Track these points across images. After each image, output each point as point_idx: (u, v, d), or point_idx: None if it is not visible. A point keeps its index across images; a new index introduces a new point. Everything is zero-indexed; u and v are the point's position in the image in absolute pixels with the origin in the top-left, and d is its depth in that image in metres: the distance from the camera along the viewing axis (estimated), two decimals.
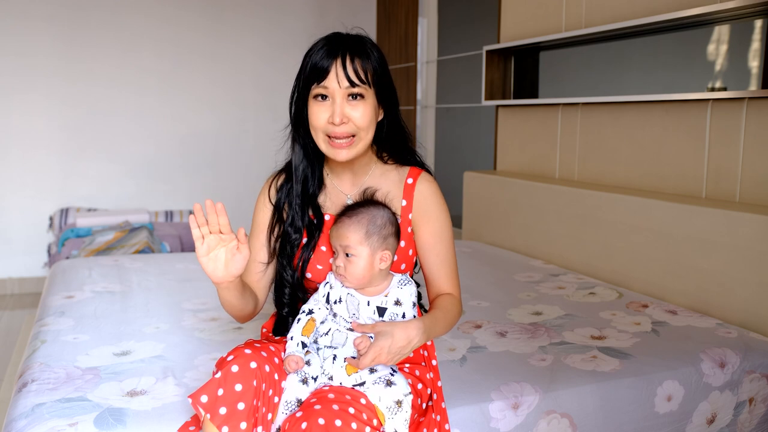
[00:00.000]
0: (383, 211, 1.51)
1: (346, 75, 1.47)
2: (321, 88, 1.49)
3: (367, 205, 1.51)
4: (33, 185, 4.64)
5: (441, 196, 1.64)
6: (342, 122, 1.48)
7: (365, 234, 1.46)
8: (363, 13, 5.33)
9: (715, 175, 2.50)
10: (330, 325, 1.48)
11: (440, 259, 1.61)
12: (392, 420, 1.38)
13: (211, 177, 5.03)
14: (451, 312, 1.57)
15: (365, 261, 1.45)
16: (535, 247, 3.22)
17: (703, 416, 1.90)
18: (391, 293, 1.48)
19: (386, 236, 1.48)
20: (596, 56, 3.09)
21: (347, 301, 1.48)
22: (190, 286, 2.63)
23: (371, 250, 1.46)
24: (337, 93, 1.48)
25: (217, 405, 1.31)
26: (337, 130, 1.49)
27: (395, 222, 1.52)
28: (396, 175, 1.64)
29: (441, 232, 1.61)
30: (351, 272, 1.46)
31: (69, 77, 4.63)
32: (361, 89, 1.49)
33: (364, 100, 1.50)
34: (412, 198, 1.61)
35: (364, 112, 1.50)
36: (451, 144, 4.75)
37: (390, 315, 1.47)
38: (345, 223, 1.48)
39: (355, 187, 1.63)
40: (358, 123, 1.49)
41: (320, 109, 1.50)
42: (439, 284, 1.62)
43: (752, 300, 2.19)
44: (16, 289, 4.66)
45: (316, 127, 1.51)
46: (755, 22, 2.34)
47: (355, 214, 1.48)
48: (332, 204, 1.62)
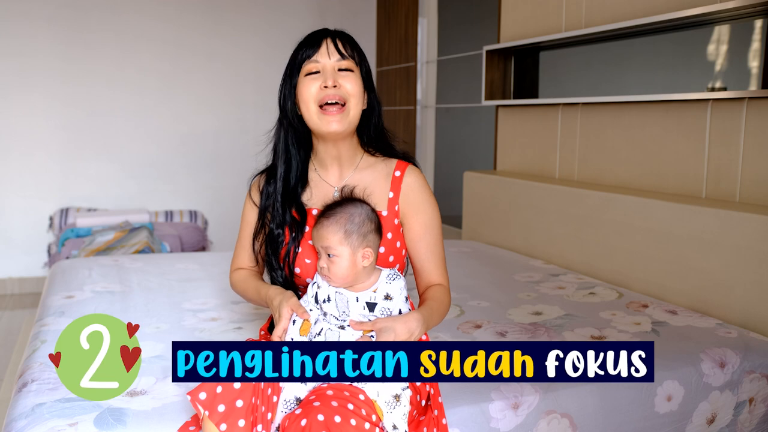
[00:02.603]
0: (361, 209, 1.52)
1: (336, 49, 1.58)
2: (312, 63, 1.57)
3: (345, 204, 1.53)
4: (33, 185, 4.64)
5: (428, 187, 1.67)
6: (334, 85, 1.55)
7: (344, 234, 1.47)
8: (363, 13, 5.33)
9: (715, 175, 2.50)
10: (322, 325, 1.49)
11: (429, 250, 1.64)
12: (390, 414, 1.39)
13: (211, 177, 5.03)
14: (444, 302, 1.60)
15: (347, 260, 1.47)
16: (535, 247, 3.22)
17: (703, 416, 1.90)
18: (380, 288, 1.49)
19: (366, 233, 1.49)
20: (596, 56, 3.09)
21: (336, 299, 1.49)
22: (190, 286, 2.63)
23: (352, 249, 1.47)
24: (328, 65, 1.57)
25: (216, 402, 1.31)
26: (330, 93, 1.55)
27: (375, 218, 1.54)
28: (383, 167, 1.66)
29: (430, 223, 1.64)
30: (335, 272, 1.47)
31: (69, 77, 4.63)
32: (350, 63, 1.59)
33: (353, 73, 1.59)
34: (399, 190, 1.63)
35: (354, 82, 1.58)
36: (451, 144, 4.75)
37: (381, 310, 1.48)
38: (324, 225, 1.49)
39: (342, 179, 1.66)
40: (349, 90, 1.57)
41: (312, 82, 1.58)
42: (428, 275, 1.65)
43: (752, 300, 2.19)
44: (16, 289, 4.66)
45: (307, 100, 1.58)
46: (755, 22, 2.34)
47: (333, 214, 1.50)
48: (318, 199, 1.65)
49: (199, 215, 4.83)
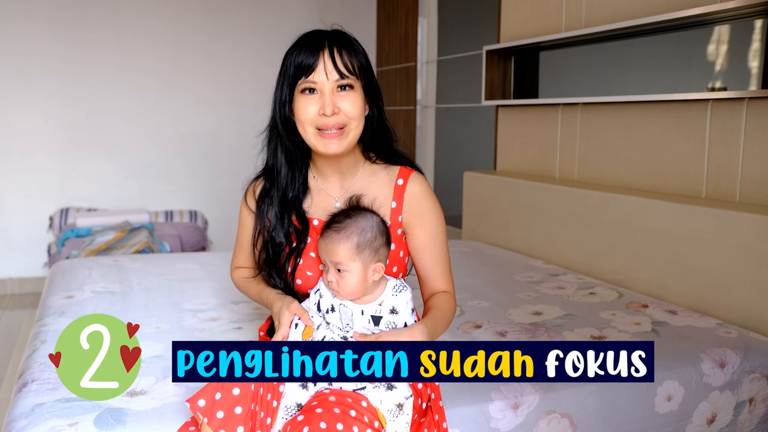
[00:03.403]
0: (371, 221, 1.45)
1: (335, 67, 1.46)
2: (309, 83, 1.47)
3: (354, 216, 1.45)
4: (33, 185, 4.64)
5: (433, 195, 1.61)
6: (333, 113, 1.46)
7: (356, 249, 1.41)
8: (363, 13, 5.34)
9: (715, 175, 2.50)
10: (324, 332, 1.47)
11: (435, 259, 1.60)
12: (393, 422, 1.38)
13: (211, 177, 5.03)
14: (449, 310, 1.57)
15: (358, 276, 1.41)
16: (535, 247, 3.22)
17: (703, 416, 1.90)
18: (386, 301, 1.45)
19: (378, 248, 1.44)
20: (596, 56, 3.09)
21: (340, 311, 1.46)
22: (190, 286, 2.63)
23: (363, 264, 1.41)
24: (326, 85, 1.47)
25: (215, 409, 1.30)
26: (328, 122, 1.47)
27: (385, 230, 1.48)
28: (385, 175, 1.60)
29: (434, 232, 1.59)
30: (344, 287, 1.42)
31: (69, 77, 4.63)
32: (350, 80, 1.48)
33: (353, 90, 1.49)
34: (402, 200, 1.58)
35: (353, 102, 1.49)
36: (451, 144, 4.75)
37: (386, 323, 1.44)
38: (333, 239, 1.42)
39: (343, 189, 1.60)
40: (348, 113, 1.48)
41: (308, 102, 1.48)
42: (433, 282, 1.61)
43: (752, 300, 2.19)
44: (16, 289, 4.66)
45: (304, 121, 1.49)
46: (755, 22, 2.34)
47: (343, 228, 1.43)
48: (319, 208, 1.59)
49: (199, 215, 4.83)
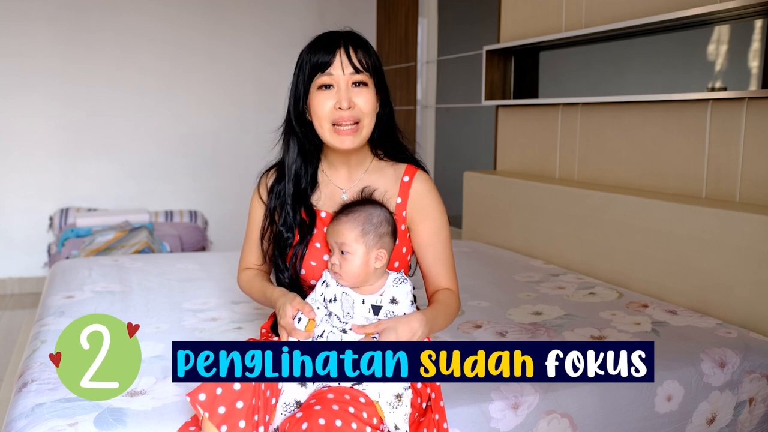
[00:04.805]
0: (380, 210, 1.53)
1: (350, 62, 1.53)
2: (326, 77, 1.54)
3: (365, 204, 1.53)
4: (33, 185, 4.64)
5: (437, 193, 1.66)
6: (349, 107, 1.53)
7: (361, 231, 1.47)
8: (363, 13, 5.34)
9: (715, 175, 2.50)
10: (324, 326, 1.49)
11: (438, 256, 1.63)
12: (392, 414, 1.39)
13: (211, 177, 5.03)
14: (451, 306, 1.59)
15: (360, 259, 1.47)
16: (535, 247, 3.22)
17: (703, 416, 1.90)
18: (387, 292, 1.49)
19: (382, 235, 1.50)
20: (596, 56, 3.09)
21: (342, 300, 1.49)
22: (190, 286, 2.63)
23: (366, 248, 1.47)
24: (342, 80, 1.54)
25: (216, 404, 1.31)
26: (344, 114, 1.53)
27: (392, 222, 1.54)
28: (392, 172, 1.66)
29: (438, 230, 1.63)
30: (346, 270, 1.47)
31: (69, 77, 4.63)
32: (364, 77, 1.55)
33: (367, 87, 1.56)
34: (407, 196, 1.63)
35: (367, 98, 1.56)
36: (451, 144, 4.75)
37: (385, 313, 1.48)
38: (341, 221, 1.50)
39: (351, 182, 1.65)
40: (363, 108, 1.55)
41: (325, 97, 1.55)
42: (436, 280, 1.64)
43: (752, 300, 2.19)
44: (16, 289, 4.66)
45: (321, 116, 1.56)
46: (755, 22, 2.34)
47: (352, 211, 1.51)
48: (327, 200, 1.65)
49: (199, 215, 4.84)
